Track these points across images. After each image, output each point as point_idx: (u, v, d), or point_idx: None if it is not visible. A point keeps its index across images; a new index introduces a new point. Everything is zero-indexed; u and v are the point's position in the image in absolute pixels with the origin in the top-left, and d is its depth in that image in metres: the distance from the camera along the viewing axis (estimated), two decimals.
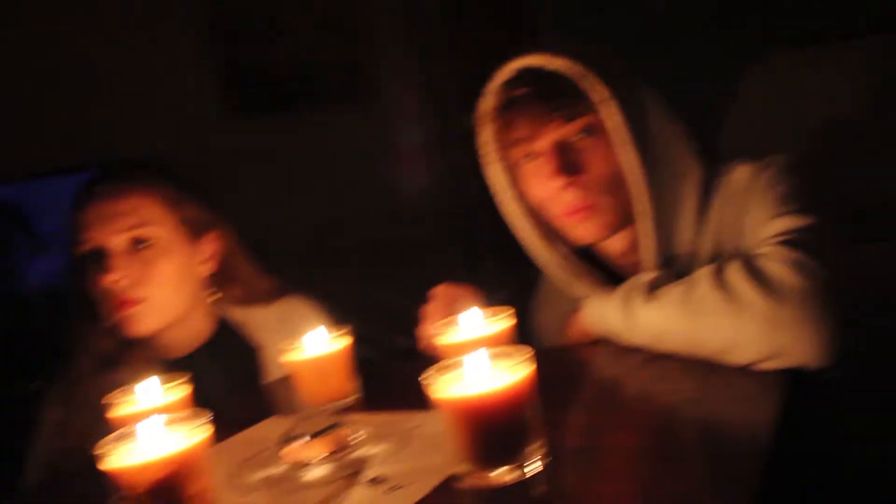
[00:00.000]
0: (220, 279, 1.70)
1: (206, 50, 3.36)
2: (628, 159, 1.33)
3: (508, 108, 1.40)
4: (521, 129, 1.38)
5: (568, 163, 1.36)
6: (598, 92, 1.32)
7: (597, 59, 1.34)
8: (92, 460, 1.40)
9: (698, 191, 1.38)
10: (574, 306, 1.43)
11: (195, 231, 1.65)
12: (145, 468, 0.83)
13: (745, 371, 1.13)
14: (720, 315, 1.15)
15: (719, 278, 1.19)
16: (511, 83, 1.39)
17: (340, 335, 1.32)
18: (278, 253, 1.84)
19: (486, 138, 1.46)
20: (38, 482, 1.56)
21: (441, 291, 1.39)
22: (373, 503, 0.87)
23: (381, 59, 3.91)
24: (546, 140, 1.37)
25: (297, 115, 3.60)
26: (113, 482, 0.86)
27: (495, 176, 1.49)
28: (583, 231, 1.41)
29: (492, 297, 1.33)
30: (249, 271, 1.74)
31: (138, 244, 1.56)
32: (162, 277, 1.57)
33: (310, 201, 3.46)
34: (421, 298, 1.43)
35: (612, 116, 1.32)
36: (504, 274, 1.74)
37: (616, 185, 1.36)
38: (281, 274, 1.80)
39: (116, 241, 1.54)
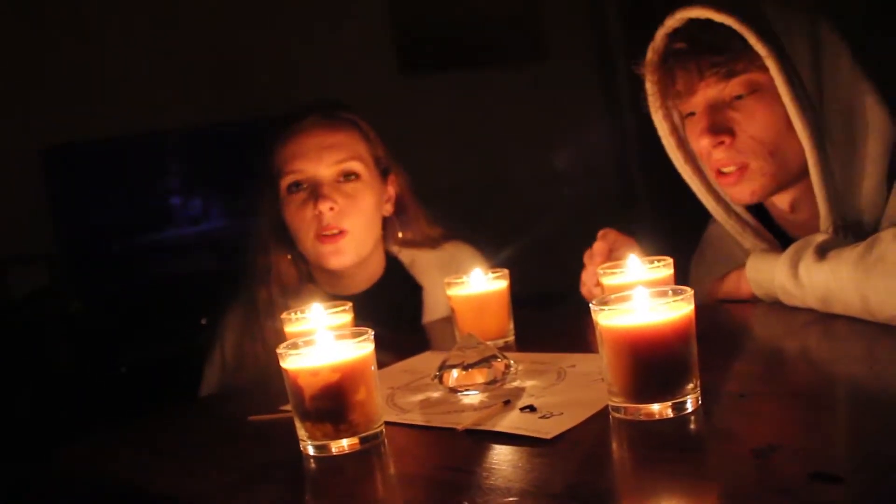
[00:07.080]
0: (397, 221, 1.78)
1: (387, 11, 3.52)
2: (795, 119, 1.26)
3: (668, 62, 1.36)
4: (679, 83, 1.35)
5: (718, 123, 1.31)
6: (760, 48, 1.25)
7: (762, 13, 1.27)
8: (258, 378, 1.52)
9: (889, 150, 1.29)
10: (734, 264, 1.40)
11: (382, 172, 1.73)
12: (317, 371, 0.90)
13: None
14: None
15: None
16: (674, 35, 1.35)
17: (500, 276, 1.36)
18: (442, 202, 1.89)
19: (650, 89, 1.43)
20: (211, 395, 1.69)
21: (605, 234, 1.39)
22: (526, 426, 0.90)
23: (551, 20, 3.91)
24: (700, 97, 1.33)
25: (466, 73, 3.68)
26: (285, 386, 0.93)
27: (658, 124, 1.46)
28: (735, 192, 1.37)
29: (651, 250, 1.33)
30: (421, 215, 1.80)
31: (346, 177, 1.64)
32: (364, 211, 1.65)
33: (474, 155, 3.53)
34: (580, 250, 1.44)
35: (774, 74, 1.25)
36: (662, 231, 1.71)
37: (777, 147, 1.30)
38: (445, 221, 1.85)
39: (328, 172, 1.63)
